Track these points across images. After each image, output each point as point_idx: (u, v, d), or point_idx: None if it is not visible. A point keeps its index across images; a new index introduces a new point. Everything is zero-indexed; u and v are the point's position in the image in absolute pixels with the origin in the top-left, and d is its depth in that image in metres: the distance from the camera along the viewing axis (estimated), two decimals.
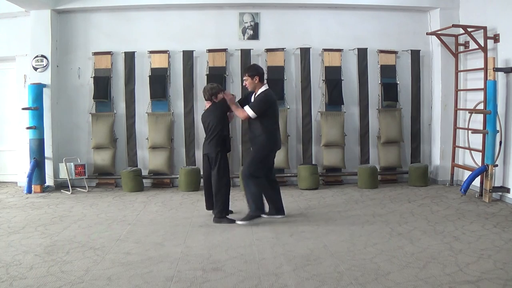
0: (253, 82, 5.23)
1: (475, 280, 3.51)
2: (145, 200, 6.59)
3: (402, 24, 7.75)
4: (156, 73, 7.50)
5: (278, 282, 3.53)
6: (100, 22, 7.59)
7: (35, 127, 7.10)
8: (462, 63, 7.40)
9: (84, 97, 7.61)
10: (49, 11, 7.26)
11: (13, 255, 4.15)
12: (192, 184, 7.21)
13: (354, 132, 7.77)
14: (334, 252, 4.19)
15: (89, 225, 5.23)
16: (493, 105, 6.16)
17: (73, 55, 7.60)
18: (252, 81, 5.23)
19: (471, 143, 7.01)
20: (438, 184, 7.54)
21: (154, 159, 7.48)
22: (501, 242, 4.44)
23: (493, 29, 6.46)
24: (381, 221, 5.30)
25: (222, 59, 7.53)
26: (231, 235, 4.77)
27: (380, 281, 3.52)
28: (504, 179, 6.27)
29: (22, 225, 5.22)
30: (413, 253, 4.14)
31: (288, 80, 7.60)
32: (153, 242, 4.56)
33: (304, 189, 7.17)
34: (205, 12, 7.64)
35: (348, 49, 7.67)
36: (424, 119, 7.87)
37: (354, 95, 7.75)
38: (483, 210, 5.74)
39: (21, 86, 7.55)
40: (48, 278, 3.62)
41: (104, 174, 7.58)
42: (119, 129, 7.62)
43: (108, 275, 3.68)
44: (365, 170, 7.32)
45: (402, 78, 7.74)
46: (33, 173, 7.04)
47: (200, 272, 3.75)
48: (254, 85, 5.25)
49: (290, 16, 7.66)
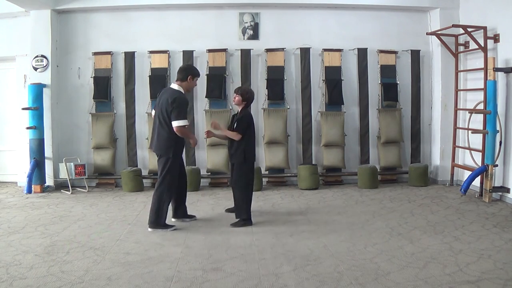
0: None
1: (475, 280, 3.51)
2: (145, 200, 6.58)
3: (402, 24, 7.75)
4: (156, 73, 7.50)
5: (278, 282, 3.53)
6: (100, 22, 7.59)
7: (35, 127, 7.10)
8: (462, 63, 7.40)
9: (84, 97, 7.61)
10: (49, 11, 7.26)
11: (13, 255, 4.15)
12: (192, 184, 7.17)
13: (354, 132, 7.77)
14: (334, 252, 4.19)
15: (89, 225, 5.23)
16: (493, 105, 6.16)
17: (73, 55, 7.60)
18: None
19: (471, 143, 7.01)
20: (438, 184, 7.54)
21: (154, 159, 7.43)
22: (501, 242, 4.45)
23: (493, 29, 6.46)
24: (381, 221, 5.30)
25: (222, 59, 7.53)
26: (231, 235, 4.77)
27: (380, 281, 3.52)
28: (504, 179, 6.27)
29: (22, 225, 5.22)
30: (413, 253, 4.15)
31: (288, 80, 7.60)
32: (153, 242, 4.56)
33: (304, 189, 7.17)
34: (205, 12, 7.64)
35: (348, 49, 7.67)
36: (424, 119, 7.87)
37: (354, 95, 7.75)
38: (483, 210, 5.74)
39: (21, 86, 7.55)
40: (48, 278, 3.62)
41: (104, 174, 7.58)
42: (119, 129, 7.62)
43: (108, 275, 3.68)
44: (365, 170, 7.32)
45: (402, 78, 7.74)
46: (33, 173, 7.03)
47: (200, 272, 3.75)
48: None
49: (290, 16, 7.66)
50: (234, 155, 5.21)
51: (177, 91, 5.00)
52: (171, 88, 5.09)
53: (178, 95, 4.94)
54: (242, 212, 5.18)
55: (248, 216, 5.18)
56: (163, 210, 4.96)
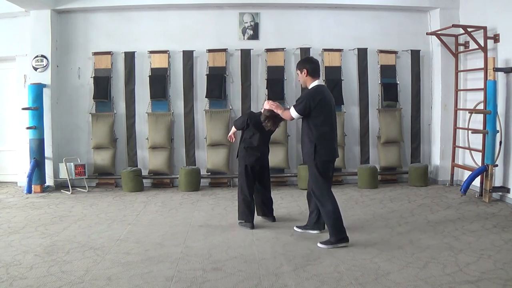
0: (302, 76, 4.56)
1: (475, 280, 3.51)
2: (145, 200, 6.59)
3: (402, 24, 7.74)
4: (156, 73, 7.50)
5: (278, 282, 3.53)
6: (100, 22, 7.59)
7: (35, 127, 7.10)
8: (462, 63, 7.40)
9: (84, 97, 7.61)
10: (49, 11, 7.26)
11: (13, 255, 4.15)
12: (192, 184, 7.21)
13: (354, 132, 7.76)
14: (334, 252, 4.18)
15: (89, 225, 5.23)
16: (493, 105, 6.15)
17: (73, 55, 7.60)
18: (301, 75, 4.57)
19: (471, 143, 7.01)
20: (438, 184, 7.54)
21: (154, 159, 7.48)
22: (501, 242, 4.44)
23: (493, 29, 6.46)
24: (381, 221, 5.30)
25: (222, 59, 7.53)
26: (231, 235, 4.77)
27: (380, 281, 3.52)
28: (504, 179, 6.27)
29: (22, 225, 5.22)
30: (413, 253, 4.14)
31: (288, 80, 7.60)
32: (153, 242, 4.56)
33: (304, 189, 7.10)
34: (205, 12, 7.64)
35: (348, 49, 7.67)
36: (424, 119, 7.87)
37: (354, 95, 7.75)
38: (483, 210, 5.74)
39: (21, 86, 7.54)
40: (48, 278, 3.62)
41: (104, 174, 7.58)
42: (119, 129, 7.62)
43: (108, 275, 3.68)
44: (365, 170, 7.32)
45: (402, 78, 7.74)
46: (33, 173, 7.03)
47: (200, 272, 3.75)
48: (304, 79, 4.57)
49: (290, 16, 7.66)
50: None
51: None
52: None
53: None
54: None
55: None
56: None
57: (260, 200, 5.26)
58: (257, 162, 5.11)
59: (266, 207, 5.31)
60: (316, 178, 4.46)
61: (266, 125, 4.84)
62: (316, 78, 4.55)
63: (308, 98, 4.41)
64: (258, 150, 5.10)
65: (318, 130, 4.39)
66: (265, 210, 5.31)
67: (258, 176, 5.18)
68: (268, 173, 5.31)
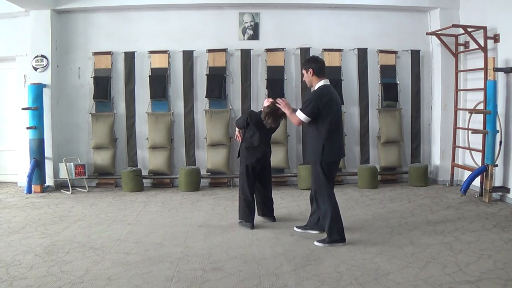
0: (308, 76, 4.50)
1: (475, 280, 3.51)
2: (145, 200, 6.59)
3: (402, 24, 7.74)
4: (156, 73, 7.50)
5: (278, 282, 3.53)
6: (100, 22, 7.59)
7: (35, 127, 7.10)
8: (462, 63, 7.40)
9: (84, 97, 7.61)
10: (49, 11, 7.26)
11: (13, 255, 4.15)
12: (192, 184, 7.20)
13: (354, 132, 7.76)
14: (334, 252, 4.19)
15: (89, 225, 5.23)
16: (493, 105, 6.16)
17: (73, 55, 7.60)
18: (307, 75, 4.51)
19: (471, 143, 7.01)
20: (438, 184, 7.53)
21: (154, 159, 7.48)
22: (501, 242, 4.44)
23: (493, 29, 6.46)
24: (381, 221, 5.30)
25: (222, 59, 7.53)
26: (231, 235, 4.77)
27: (380, 281, 3.52)
28: (504, 179, 6.27)
29: (22, 225, 5.22)
30: (413, 253, 4.14)
31: (288, 80, 7.60)
32: (153, 242, 4.56)
33: (304, 189, 7.16)
34: (205, 12, 7.64)
35: (348, 49, 7.67)
36: (424, 119, 7.87)
37: (354, 95, 7.75)
38: (483, 210, 5.74)
39: (21, 86, 7.54)
40: (48, 278, 3.62)
41: (104, 174, 7.58)
42: (119, 129, 7.62)
43: (108, 275, 3.68)
44: (365, 170, 7.32)
45: (402, 78, 7.74)
46: (33, 173, 7.03)
47: (200, 272, 3.75)
48: (309, 79, 4.52)
49: (290, 16, 7.66)
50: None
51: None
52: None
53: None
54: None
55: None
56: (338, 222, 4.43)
57: (260, 200, 5.27)
58: (258, 162, 5.12)
59: (266, 207, 5.32)
60: (319, 177, 4.45)
61: (267, 122, 4.83)
62: (322, 77, 4.49)
63: (315, 99, 4.37)
64: (259, 150, 5.11)
65: (326, 131, 4.36)
66: (265, 210, 5.32)
67: (259, 176, 5.19)
68: (270, 173, 5.32)
